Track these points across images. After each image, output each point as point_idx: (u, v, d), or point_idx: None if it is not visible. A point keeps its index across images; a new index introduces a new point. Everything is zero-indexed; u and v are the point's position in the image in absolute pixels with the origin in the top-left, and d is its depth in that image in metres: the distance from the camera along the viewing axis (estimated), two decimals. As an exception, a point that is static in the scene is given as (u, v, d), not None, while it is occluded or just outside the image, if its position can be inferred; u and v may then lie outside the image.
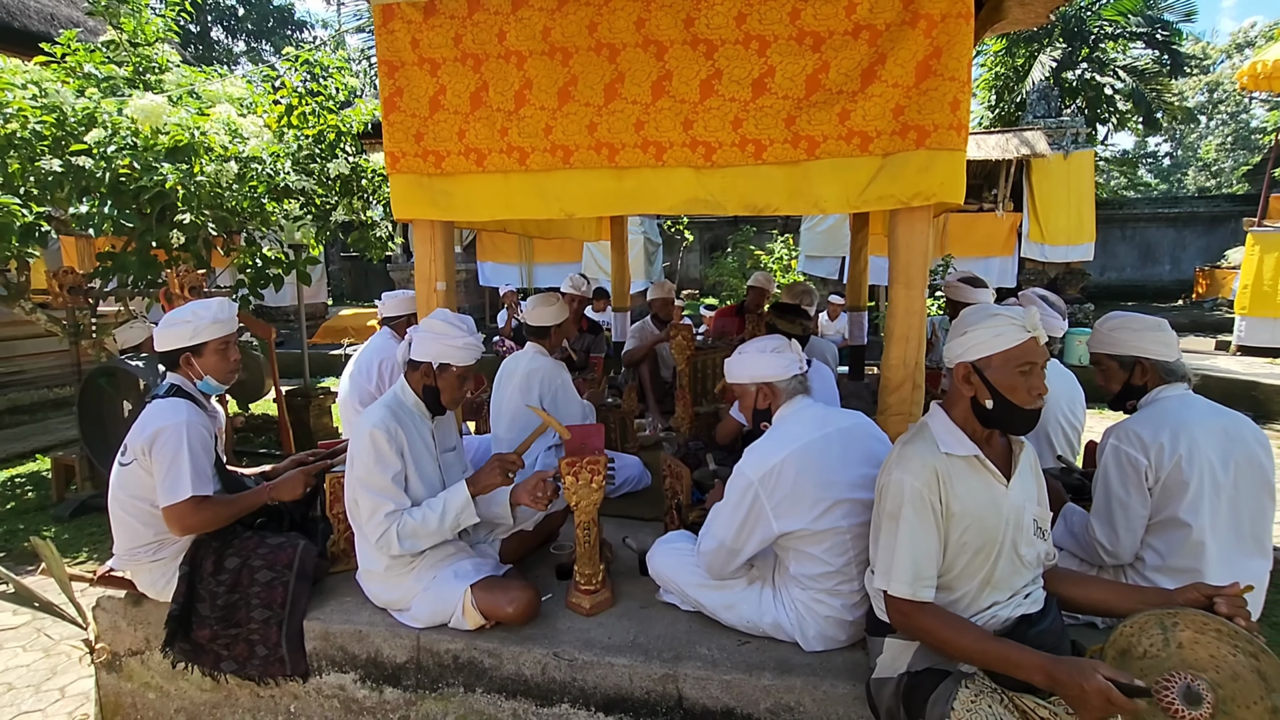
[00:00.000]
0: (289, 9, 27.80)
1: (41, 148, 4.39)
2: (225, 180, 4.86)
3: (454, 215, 2.61)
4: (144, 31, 5.50)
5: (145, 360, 4.51)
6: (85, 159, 4.44)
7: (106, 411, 4.54)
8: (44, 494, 4.95)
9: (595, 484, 2.14)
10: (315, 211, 5.41)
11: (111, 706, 2.36)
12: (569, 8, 2.33)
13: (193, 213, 4.78)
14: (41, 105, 4.44)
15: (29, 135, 4.35)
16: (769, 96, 2.22)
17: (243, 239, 5.52)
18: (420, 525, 2.02)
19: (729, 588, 2.05)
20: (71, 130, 4.58)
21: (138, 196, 4.97)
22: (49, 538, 3.97)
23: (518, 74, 2.41)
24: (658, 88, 2.30)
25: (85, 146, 4.37)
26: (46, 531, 4.23)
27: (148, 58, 5.49)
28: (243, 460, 5.12)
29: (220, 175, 4.82)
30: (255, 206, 5.15)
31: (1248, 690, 1.33)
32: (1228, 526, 1.88)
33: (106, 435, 4.54)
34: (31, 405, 7.23)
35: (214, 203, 4.84)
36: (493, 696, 2.02)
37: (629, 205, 2.43)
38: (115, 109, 4.54)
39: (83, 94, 4.69)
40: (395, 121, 2.55)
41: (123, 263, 4.85)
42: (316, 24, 30.22)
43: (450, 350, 2.16)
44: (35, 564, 3.03)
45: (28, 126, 4.34)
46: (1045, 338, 1.58)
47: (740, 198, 2.31)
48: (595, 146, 2.38)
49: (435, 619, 2.08)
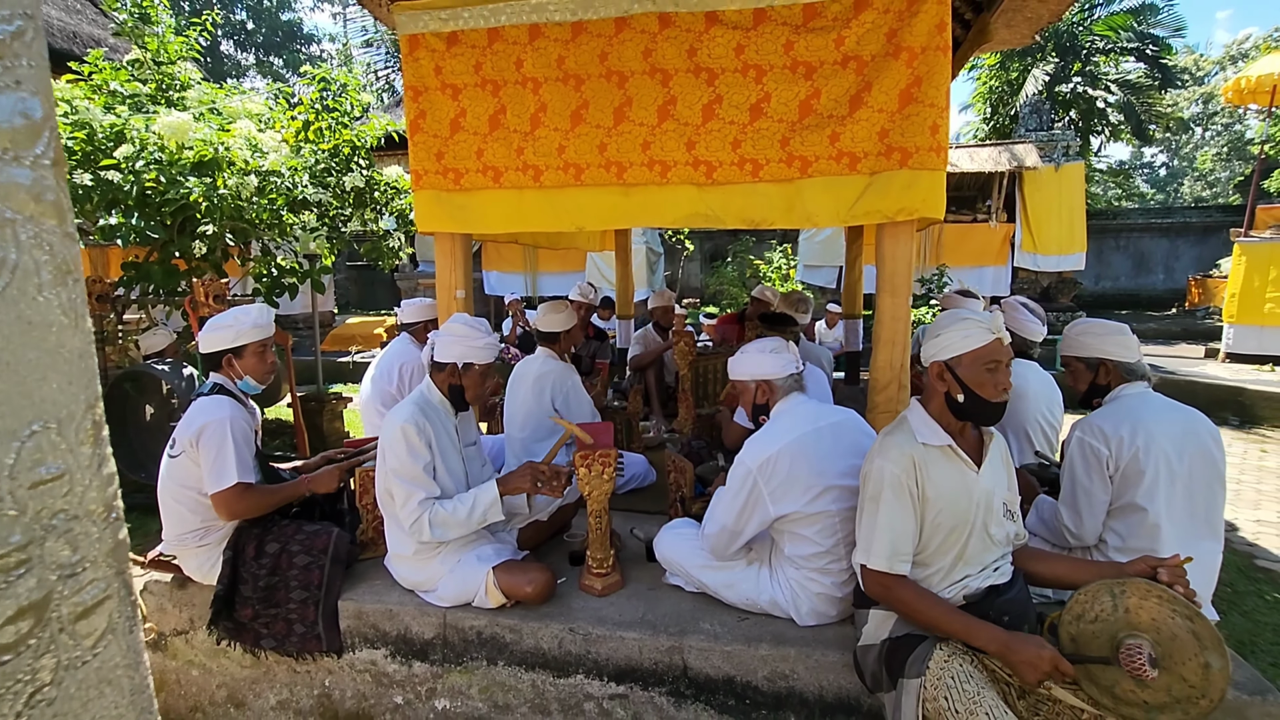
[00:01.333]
0: (297, 24, 28.22)
1: (72, 163, 4.61)
2: (246, 193, 5.08)
3: (471, 228, 2.81)
4: (166, 51, 5.73)
5: (170, 365, 4.70)
6: (114, 173, 4.66)
7: (130, 416, 4.73)
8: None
9: (606, 475, 2.33)
10: (330, 223, 5.62)
11: (156, 683, 2.54)
12: (582, 39, 2.54)
13: (215, 224, 4.99)
14: (72, 122, 4.67)
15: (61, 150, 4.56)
16: (765, 120, 2.43)
17: (258, 249, 5.73)
18: (450, 516, 2.21)
19: (730, 568, 2.24)
20: (100, 145, 4.80)
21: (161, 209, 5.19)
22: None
23: (534, 98, 2.62)
24: (663, 112, 2.51)
25: (114, 161, 4.58)
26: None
27: (170, 75, 5.73)
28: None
29: (241, 188, 5.04)
30: (274, 218, 5.37)
31: (1184, 648, 1.51)
32: (1182, 511, 2.06)
33: (129, 439, 4.72)
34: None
35: (235, 214, 5.06)
36: (513, 669, 2.20)
37: (635, 219, 2.64)
38: (142, 125, 4.77)
39: (110, 110, 4.91)
40: (419, 142, 2.76)
41: (147, 272, 5.06)
42: (324, 38, 30.66)
43: (473, 350, 2.36)
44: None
45: (60, 142, 4.55)
46: (1009, 339, 1.77)
47: (738, 212, 2.52)
48: (605, 165, 2.59)
49: (460, 598, 2.26)
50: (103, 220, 4.73)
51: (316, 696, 2.38)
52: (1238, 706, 1.78)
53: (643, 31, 2.48)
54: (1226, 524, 4.25)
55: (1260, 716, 1.77)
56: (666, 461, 2.90)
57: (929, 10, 2.26)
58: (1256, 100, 9.16)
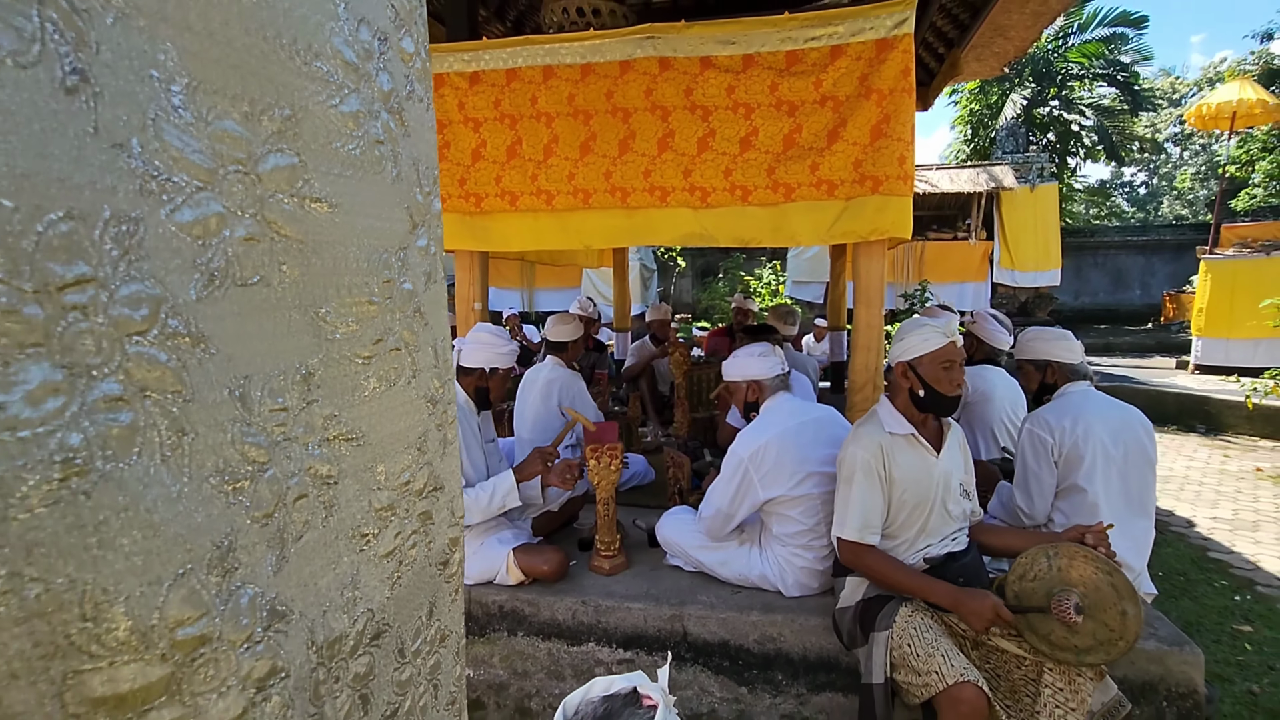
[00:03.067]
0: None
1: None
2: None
3: (491, 246, 3.11)
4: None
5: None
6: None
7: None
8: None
9: (613, 466, 2.61)
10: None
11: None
12: (590, 79, 2.86)
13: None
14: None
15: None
16: (754, 151, 2.75)
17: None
18: (473, 502, 2.48)
19: (724, 548, 2.52)
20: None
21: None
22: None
23: (547, 131, 2.93)
24: (663, 144, 2.82)
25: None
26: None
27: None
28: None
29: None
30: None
31: (1105, 599, 1.80)
32: (1117, 492, 2.37)
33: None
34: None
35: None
36: (531, 639, 2.46)
37: (638, 238, 2.94)
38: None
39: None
40: (443, 170, 3.06)
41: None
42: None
43: (498, 356, 2.65)
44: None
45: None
46: (961, 342, 2.08)
47: (730, 232, 2.83)
48: (610, 190, 2.90)
49: (483, 576, 2.53)
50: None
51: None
52: (1159, 655, 2.07)
53: (645, 73, 2.80)
54: (1184, 520, 4.58)
55: (1178, 664, 2.07)
56: (665, 458, 3.19)
57: (895, 58, 2.59)
58: (1218, 125, 9.65)
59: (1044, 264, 10.21)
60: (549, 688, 2.45)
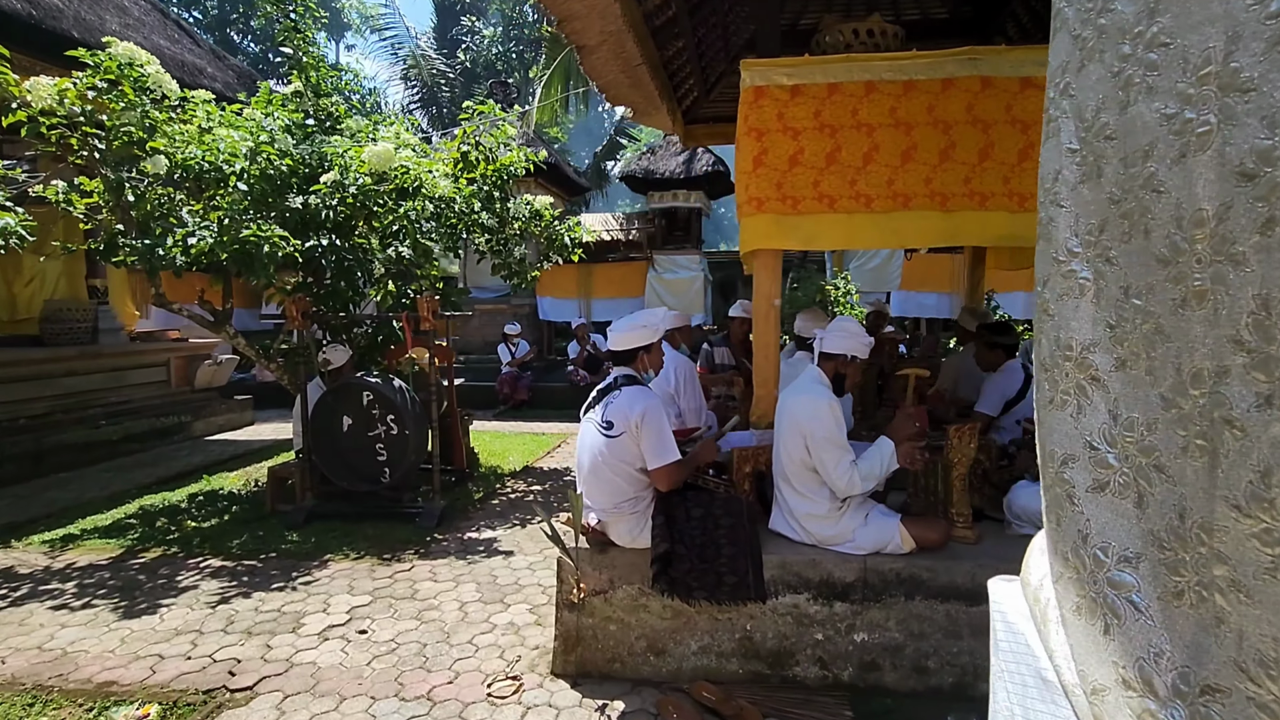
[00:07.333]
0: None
1: (268, 188, 4.82)
2: (423, 217, 5.42)
3: (803, 245, 3.35)
4: (323, 85, 5.96)
5: (379, 378, 4.95)
6: (313, 198, 4.94)
7: (334, 426, 4.92)
8: (246, 507, 5.23)
9: (971, 445, 2.87)
10: (495, 246, 5.98)
11: (572, 639, 2.87)
12: (913, 94, 3.14)
13: (413, 246, 5.32)
14: (279, 150, 4.93)
15: (276, 176, 4.83)
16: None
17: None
18: (870, 470, 2.69)
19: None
20: (296, 170, 5.06)
21: (352, 232, 5.47)
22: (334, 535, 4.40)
23: (867, 140, 3.19)
24: (983, 153, 3.12)
25: (320, 187, 4.87)
26: (293, 535, 4.57)
27: (325, 108, 5.98)
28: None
29: (420, 213, 5.39)
30: (451, 241, 5.71)
31: None
32: None
33: (334, 448, 4.90)
34: (142, 434, 7.33)
35: (416, 235, 5.38)
36: (929, 602, 2.67)
37: (953, 238, 3.22)
38: (343, 150, 5.07)
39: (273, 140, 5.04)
40: (761, 175, 3.27)
41: (334, 290, 5.32)
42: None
43: (859, 346, 2.87)
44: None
45: (272, 168, 4.81)
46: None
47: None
48: (930, 195, 3.17)
49: (876, 547, 2.73)
50: (311, 241, 4.97)
51: (738, 640, 2.78)
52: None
53: (966, 90, 3.10)
54: None
55: None
56: (951, 437, 3.43)
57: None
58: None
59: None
60: (946, 646, 2.66)
